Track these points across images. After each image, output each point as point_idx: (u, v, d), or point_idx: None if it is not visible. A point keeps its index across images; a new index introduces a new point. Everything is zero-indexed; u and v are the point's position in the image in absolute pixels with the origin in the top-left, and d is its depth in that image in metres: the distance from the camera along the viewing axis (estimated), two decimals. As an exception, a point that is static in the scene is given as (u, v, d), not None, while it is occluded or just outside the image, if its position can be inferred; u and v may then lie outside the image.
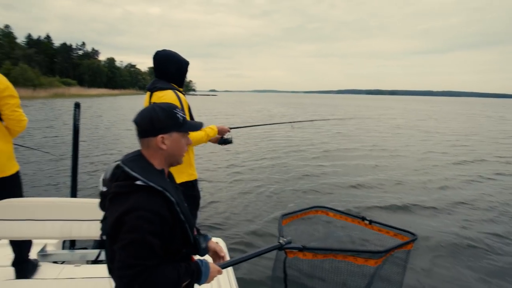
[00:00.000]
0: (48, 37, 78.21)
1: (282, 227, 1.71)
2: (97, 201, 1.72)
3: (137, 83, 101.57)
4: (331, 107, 45.65)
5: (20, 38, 71.57)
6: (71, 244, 2.52)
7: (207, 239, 1.29)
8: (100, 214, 1.17)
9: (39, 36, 76.57)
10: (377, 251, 1.46)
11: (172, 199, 1.04)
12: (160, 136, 1.09)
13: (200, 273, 1.12)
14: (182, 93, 2.23)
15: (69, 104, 31.07)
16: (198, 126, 1.21)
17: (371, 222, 1.77)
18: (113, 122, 17.54)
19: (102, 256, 2.04)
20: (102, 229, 1.09)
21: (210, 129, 2.28)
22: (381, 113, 32.36)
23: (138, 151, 1.14)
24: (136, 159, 1.10)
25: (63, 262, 2.17)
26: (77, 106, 2.68)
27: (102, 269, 1.87)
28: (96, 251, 2.09)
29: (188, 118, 2.18)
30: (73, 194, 2.75)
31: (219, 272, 1.21)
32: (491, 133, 16.42)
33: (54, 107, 27.05)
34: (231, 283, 1.98)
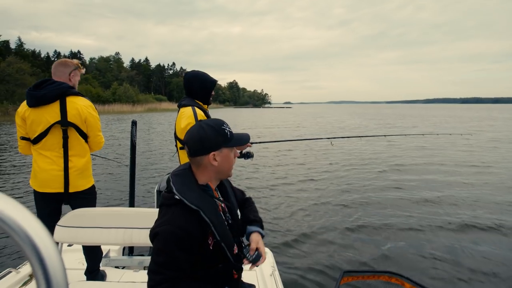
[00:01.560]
0: (146, 60, 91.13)
1: (338, 282, 1.57)
2: (154, 210, 1.84)
3: (217, 97, 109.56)
4: (415, 118, 41.45)
5: (126, 63, 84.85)
6: (130, 251, 2.64)
7: (249, 233, 1.27)
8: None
9: (140, 60, 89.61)
10: None
11: (207, 219, 1.06)
12: (212, 154, 1.11)
13: None
14: (203, 109, 2.37)
15: (158, 117, 35.36)
16: (245, 139, 1.22)
17: None
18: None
19: None
20: None
21: None
22: (475, 124, 27.93)
23: (188, 164, 1.18)
24: (182, 173, 1.14)
25: (123, 268, 2.33)
26: (134, 123, 2.84)
27: None
28: None
29: None
30: (131, 203, 2.95)
31: None
32: None
33: (147, 120, 30.91)
34: None
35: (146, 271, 2.28)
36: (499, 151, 12.31)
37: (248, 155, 2.54)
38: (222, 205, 1.22)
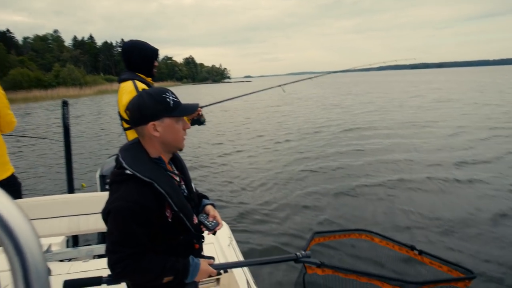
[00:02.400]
0: (91, 37, 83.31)
1: (309, 242, 1.59)
2: (98, 194, 1.75)
3: (174, 74, 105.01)
4: (369, 84, 43.17)
5: (68, 41, 77.13)
6: (75, 242, 2.52)
7: (204, 205, 1.29)
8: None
9: (83, 37, 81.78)
10: (410, 281, 1.27)
11: (161, 190, 1.03)
12: (151, 123, 1.05)
13: (187, 272, 1.09)
14: (146, 82, 2.14)
15: (111, 98, 33.16)
16: (192, 108, 1.14)
17: (421, 252, 1.56)
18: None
19: None
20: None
21: None
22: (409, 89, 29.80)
23: (137, 138, 1.13)
24: (131, 147, 1.10)
25: (69, 260, 2.16)
26: (65, 104, 2.63)
27: None
28: (102, 246, 2.05)
29: None
30: (70, 190, 2.76)
31: (212, 273, 1.17)
32: None
33: (97, 102, 28.86)
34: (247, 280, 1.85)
35: (96, 260, 2.07)
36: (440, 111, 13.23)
37: (199, 122, 2.40)
38: (177, 178, 1.18)
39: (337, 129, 10.36)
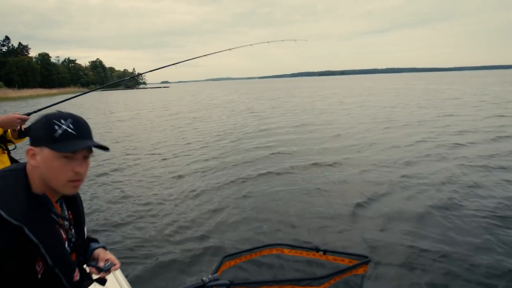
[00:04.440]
0: (-38, 33, 68.21)
1: (218, 267, 1.52)
2: None
3: (78, 79, 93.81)
4: (285, 90, 45.99)
5: None
6: None
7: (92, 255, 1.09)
8: None
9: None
10: (317, 277, 1.34)
11: (34, 239, 0.80)
12: (29, 147, 0.87)
13: None
14: None
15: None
16: (78, 146, 0.87)
17: (325, 252, 1.63)
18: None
19: None
20: None
21: None
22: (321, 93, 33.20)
23: (24, 164, 0.92)
24: (8, 174, 0.88)
25: None
26: None
27: None
28: None
29: None
30: None
31: None
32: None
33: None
34: None
35: None
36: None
37: (25, 134, 1.90)
38: (66, 222, 0.97)
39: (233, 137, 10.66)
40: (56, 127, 0.86)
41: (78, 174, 0.88)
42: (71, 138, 0.86)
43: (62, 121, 0.87)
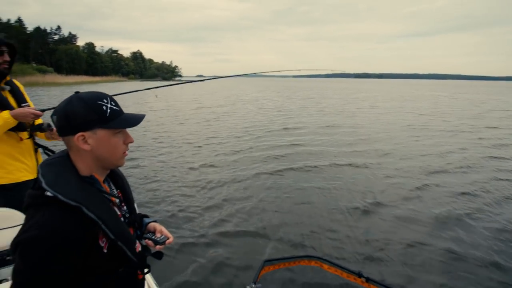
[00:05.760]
0: (19, 20, 74.08)
1: (259, 272, 1.53)
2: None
3: (120, 69, 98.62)
4: (318, 90, 45.24)
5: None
6: None
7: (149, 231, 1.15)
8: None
9: (9, 20, 72.30)
10: None
11: (92, 215, 0.84)
12: (79, 134, 0.89)
13: None
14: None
15: (42, 92, 29.78)
16: (135, 121, 0.95)
17: (368, 280, 1.53)
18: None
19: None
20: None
21: None
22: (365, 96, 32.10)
23: (66, 151, 0.95)
24: (56, 161, 0.91)
25: None
26: None
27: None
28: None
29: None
30: None
31: None
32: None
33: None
34: None
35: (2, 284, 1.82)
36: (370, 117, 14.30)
37: (38, 128, 2.05)
38: (117, 200, 1.02)
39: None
40: (104, 107, 0.91)
41: (128, 145, 0.98)
42: (118, 114, 0.94)
43: (105, 101, 0.92)
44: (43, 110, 2.02)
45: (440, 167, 6.76)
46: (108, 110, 0.91)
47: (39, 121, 2.09)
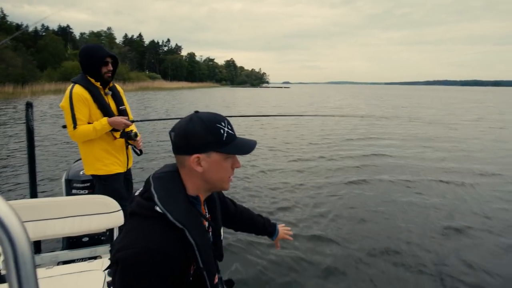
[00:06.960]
0: (140, 36, 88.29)
1: None
2: (64, 198, 1.84)
3: (214, 76, 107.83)
4: (415, 99, 40.93)
5: (119, 38, 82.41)
6: (37, 249, 2.46)
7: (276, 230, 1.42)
8: (70, 211, 1.36)
9: (132, 35, 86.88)
10: None
11: (192, 241, 0.85)
12: (195, 156, 0.89)
13: None
14: (93, 87, 2.21)
15: (150, 96, 34.63)
16: (248, 148, 0.93)
17: None
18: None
19: (74, 256, 2.09)
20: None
21: (98, 123, 2.20)
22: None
23: (175, 165, 0.95)
24: (167, 176, 0.92)
25: None
26: (29, 105, 2.57)
27: (76, 267, 1.87)
28: (67, 252, 2.08)
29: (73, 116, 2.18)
30: (33, 194, 2.70)
31: None
32: None
33: (136, 99, 30.25)
34: None
35: (61, 266, 2.09)
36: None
37: (127, 135, 2.34)
38: (206, 223, 1.01)
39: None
40: (222, 131, 0.89)
41: (234, 169, 0.96)
42: (233, 139, 0.92)
43: (223, 124, 0.90)
44: (132, 121, 2.36)
45: None
46: (225, 134, 0.90)
47: (129, 129, 2.39)
